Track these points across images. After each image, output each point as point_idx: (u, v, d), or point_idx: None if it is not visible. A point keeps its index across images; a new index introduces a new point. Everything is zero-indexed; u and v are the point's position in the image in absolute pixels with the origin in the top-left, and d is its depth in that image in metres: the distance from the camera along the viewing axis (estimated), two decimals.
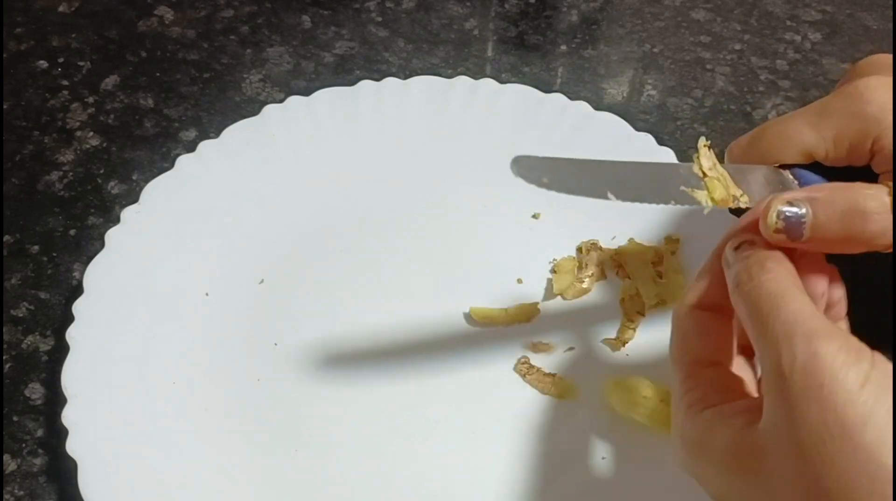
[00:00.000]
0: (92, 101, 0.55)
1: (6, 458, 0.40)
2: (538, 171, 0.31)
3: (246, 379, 0.42)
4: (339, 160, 0.51)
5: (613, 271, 0.46)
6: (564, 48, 0.59)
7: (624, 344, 0.43)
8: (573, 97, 0.53)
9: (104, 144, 0.53)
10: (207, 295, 0.45)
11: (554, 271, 0.46)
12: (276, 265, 0.46)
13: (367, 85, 0.53)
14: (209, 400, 0.41)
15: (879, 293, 0.40)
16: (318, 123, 0.51)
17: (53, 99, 0.55)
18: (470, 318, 0.44)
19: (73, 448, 0.38)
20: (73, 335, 0.41)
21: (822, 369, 0.24)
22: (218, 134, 0.50)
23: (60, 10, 0.61)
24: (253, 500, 0.38)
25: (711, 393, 0.29)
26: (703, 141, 0.33)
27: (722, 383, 0.29)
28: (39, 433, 0.41)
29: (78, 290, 0.43)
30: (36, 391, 0.42)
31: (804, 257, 0.30)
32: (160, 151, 0.52)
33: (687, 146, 0.53)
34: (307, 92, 0.53)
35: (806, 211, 0.29)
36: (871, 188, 0.29)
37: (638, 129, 0.51)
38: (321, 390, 0.42)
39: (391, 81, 0.53)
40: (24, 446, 0.41)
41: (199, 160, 0.49)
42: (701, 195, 0.33)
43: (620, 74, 0.58)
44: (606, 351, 0.43)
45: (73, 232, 0.48)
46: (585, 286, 0.46)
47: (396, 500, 0.39)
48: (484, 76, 0.54)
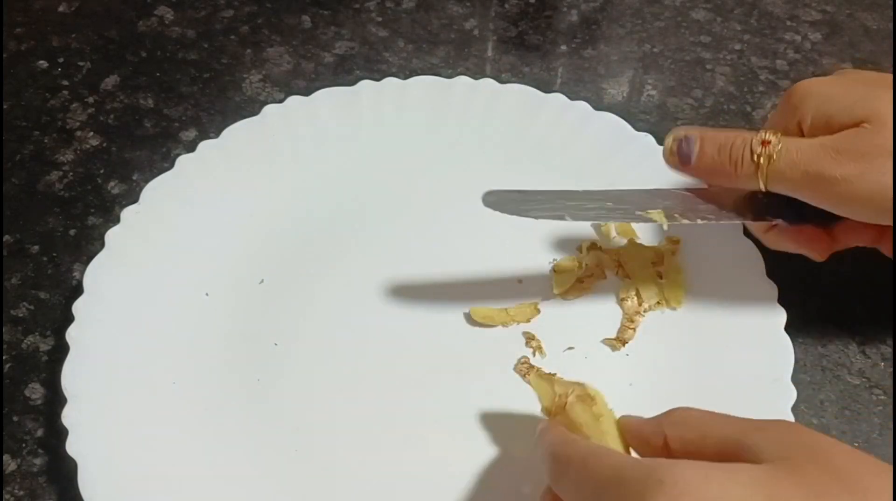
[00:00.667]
0: (92, 101, 0.55)
1: (6, 458, 0.40)
2: (506, 202, 0.40)
3: (246, 379, 0.42)
4: (339, 160, 0.51)
5: (613, 271, 0.46)
6: (564, 48, 0.59)
7: (624, 344, 0.43)
8: (573, 97, 0.53)
9: (104, 144, 0.53)
10: (207, 295, 0.45)
11: (554, 271, 0.46)
12: (276, 265, 0.46)
13: (367, 85, 0.53)
14: (209, 400, 0.41)
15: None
16: (318, 123, 0.51)
17: (53, 99, 0.55)
18: (470, 318, 0.44)
19: (73, 448, 0.38)
20: (72, 335, 0.41)
21: (679, 485, 0.25)
22: (218, 134, 0.50)
23: (60, 10, 0.61)
24: (253, 500, 0.38)
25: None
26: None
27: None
28: (39, 434, 0.41)
29: (78, 290, 0.43)
30: (36, 392, 0.42)
31: None
32: (160, 151, 0.52)
33: None
34: (307, 92, 0.53)
35: (694, 139, 0.39)
36: (745, 132, 0.38)
37: (638, 129, 0.51)
38: (321, 390, 0.42)
39: (391, 81, 0.53)
40: (24, 446, 0.41)
41: (199, 160, 0.49)
42: (656, 215, 0.40)
43: (620, 74, 0.58)
44: (606, 351, 0.43)
45: (73, 232, 0.48)
46: (586, 287, 0.46)
47: (396, 500, 0.39)
48: (484, 76, 0.54)
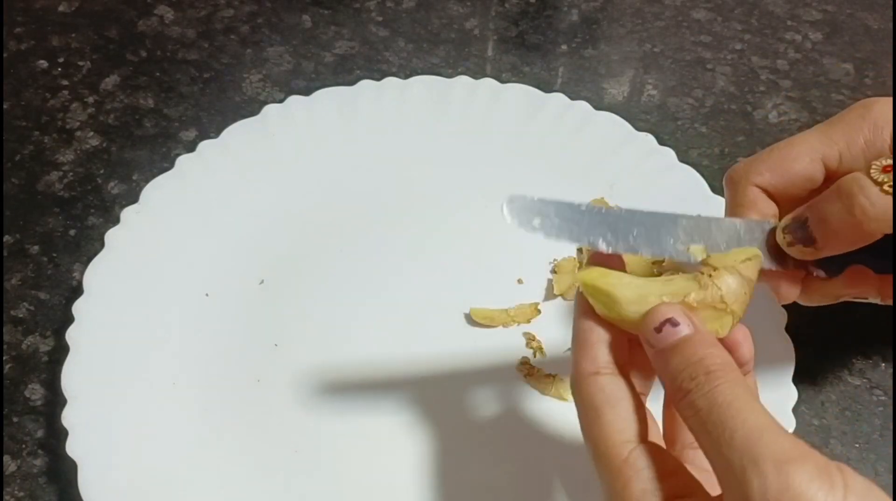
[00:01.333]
0: (92, 101, 0.55)
1: (6, 459, 0.40)
2: (530, 213, 0.30)
3: (246, 380, 0.42)
4: (339, 160, 0.51)
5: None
6: (565, 48, 0.59)
7: None
8: (574, 97, 0.53)
9: (104, 144, 0.53)
10: (207, 295, 0.45)
11: (554, 271, 0.46)
12: (276, 265, 0.46)
13: (367, 85, 0.53)
14: (209, 400, 0.41)
15: None
16: (318, 123, 0.51)
17: (53, 99, 0.55)
18: (470, 318, 0.44)
19: (73, 449, 0.38)
20: (72, 336, 0.41)
21: (797, 498, 0.22)
22: (218, 134, 0.50)
23: (60, 9, 0.61)
24: (253, 500, 0.38)
25: (652, 486, 0.26)
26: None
27: (659, 468, 0.27)
28: (39, 435, 0.41)
29: (78, 290, 0.43)
30: (36, 392, 0.42)
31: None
32: (160, 151, 0.52)
33: (687, 146, 0.53)
34: (307, 92, 0.53)
35: (807, 216, 0.31)
36: (849, 175, 0.31)
37: (638, 129, 0.51)
38: (321, 390, 0.42)
39: (391, 81, 0.53)
40: (24, 447, 0.41)
41: (199, 160, 0.49)
42: (697, 250, 0.33)
43: (621, 74, 0.57)
44: None
45: (73, 232, 0.48)
46: None
47: (397, 500, 0.39)
48: (484, 76, 0.54)
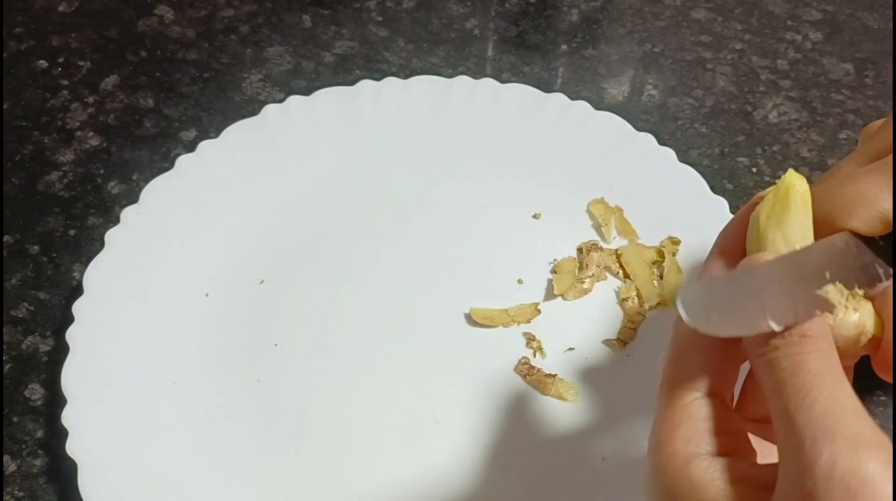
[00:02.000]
0: (92, 101, 0.55)
1: (6, 459, 0.40)
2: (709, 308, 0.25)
3: (246, 380, 0.42)
4: (339, 160, 0.51)
5: (614, 271, 0.46)
6: (565, 48, 0.59)
7: (625, 345, 0.43)
8: (574, 97, 0.53)
9: (104, 144, 0.53)
10: (207, 295, 0.45)
11: (554, 271, 0.46)
12: (276, 265, 0.46)
13: (367, 85, 0.53)
14: (209, 401, 0.41)
15: None
16: (318, 123, 0.51)
17: (53, 99, 0.55)
18: (470, 318, 0.44)
19: (72, 449, 0.38)
20: (72, 336, 0.41)
21: (865, 485, 0.21)
22: (218, 134, 0.50)
23: (60, 9, 0.61)
24: (253, 500, 0.38)
25: (701, 436, 0.25)
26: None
27: (719, 420, 0.25)
28: (39, 435, 0.41)
29: (78, 290, 0.43)
30: (36, 392, 0.42)
31: None
32: (160, 151, 0.52)
33: (687, 146, 0.53)
34: (307, 92, 0.53)
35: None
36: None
37: (639, 128, 0.51)
38: (321, 390, 0.42)
39: (391, 81, 0.53)
40: (24, 447, 0.41)
41: (199, 160, 0.49)
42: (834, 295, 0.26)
43: (621, 74, 0.57)
44: (607, 352, 0.43)
45: (73, 232, 0.48)
46: (586, 287, 0.45)
47: (396, 499, 0.39)
48: (484, 76, 0.54)
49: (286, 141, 0.51)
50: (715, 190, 0.49)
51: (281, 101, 0.52)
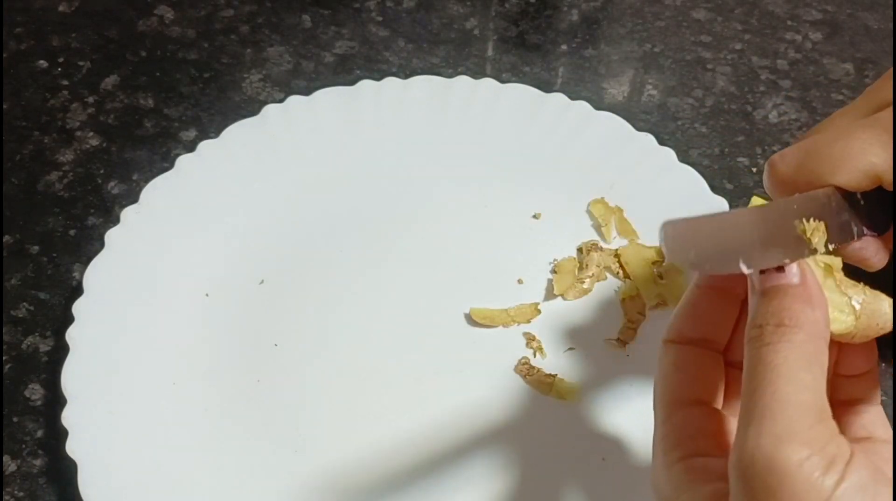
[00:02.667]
0: (92, 101, 0.55)
1: (6, 459, 0.40)
2: (687, 244, 0.26)
3: (246, 380, 0.42)
4: (339, 160, 0.51)
5: (614, 271, 0.46)
6: (565, 48, 0.59)
7: (625, 345, 0.43)
8: (574, 97, 0.53)
9: (104, 144, 0.53)
10: (207, 295, 0.45)
11: (554, 271, 0.46)
12: (276, 265, 0.46)
13: (367, 85, 0.53)
14: (209, 401, 0.41)
15: None
16: (318, 123, 0.51)
17: (53, 99, 0.55)
18: (470, 318, 0.44)
19: (72, 449, 0.38)
20: (72, 336, 0.41)
21: (781, 478, 0.22)
22: (218, 134, 0.50)
23: (60, 9, 0.61)
24: (253, 500, 0.38)
25: (686, 440, 0.27)
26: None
27: (698, 426, 0.27)
28: (39, 435, 0.41)
29: (78, 290, 0.43)
30: (36, 392, 0.42)
31: None
32: (160, 151, 0.52)
33: (687, 146, 0.53)
34: (307, 92, 0.53)
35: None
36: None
37: (639, 129, 0.51)
38: (321, 390, 0.42)
39: (391, 81, 0.53)
40: (24, 447, 0.41)
41: (199, 160, 0.49)
42: (817, 234, 0.26)
43: (621, 74, 0.57)
44: (607, 352, 0.43)
45: (73, 232, 0.48)
46: (586, 287, 0.45)
47: (396, 499, 0.39)
48: (484, 76, 0.54)
49: (286, 141, 0.51)
50: (715, 190, 0.49)
51: (281, 101, 0.52)
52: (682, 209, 0.48)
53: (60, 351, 0.42)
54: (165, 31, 0.60)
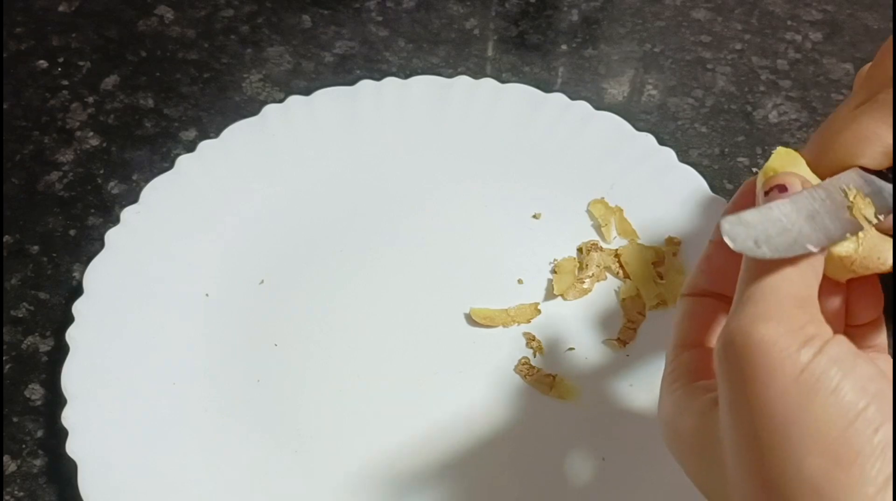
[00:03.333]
0: (92, 101, 0.55)
1: (6, 459, 0.40)
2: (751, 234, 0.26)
3: (246, 379, 0.42)
4: (339, 160, 0.51)
5: (614, 271, 0.46)
6: (565, 48, 0.59)
7: (625, 345, 0.43)
8: (574, 97, 0.53)
9: (104, 144, 0.53)
10: (207, 295, 0.45)
11: (554, 271, 0.46)
12: (276, 266, 0.46)
13: (367, 85, 0.53)
14: (209, 401, 0.41)
15: None
16: (318, 123, 0.51)
17: (53, 99, 0.55)
18: (470, 318, 0.44)
19: (73, 449, 0.38)
20: (73, 336, 0.41)
21: (754, 349, 0.23)
22: (218, 134, 0.50)
23: (60, 9, 0.61)
24: (253, 500, 0.38)
25: (687, 373, 0.29)
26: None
27: (699, 361, 0.29)
28: (39, 434, 0.41)
29: (78, 290, 0.43)
30: (36, 392, 0.42)
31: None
32: (160, 151, 0.52)
33: (687, 146, 0.53)
34: (307, 92, 0.53)
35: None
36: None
37: (638, 128, 0.51)
38: (321, 390, 0.42)
39: (391, 81, 0.53)
40: (24, 447, 0.41)
41: (199, 160, 0.49)
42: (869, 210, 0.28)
43: (621, 74, 0.57)
44: (607, 352, 0.43)
45: (73, 232, 0.48)
46: (586, 287, 0.45)
47: (396, 499, 0.39)
48: (484, 76, 0.54)
49: (286, 141, 0.51)
50: (715, 190, 0.49)
51: (281, 101, 0.52)
52: (682, 209, 0.48)
53: (60, 351, 0.42)
54: (165, 31, 0.60)
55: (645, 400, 0.42)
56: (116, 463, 0.38)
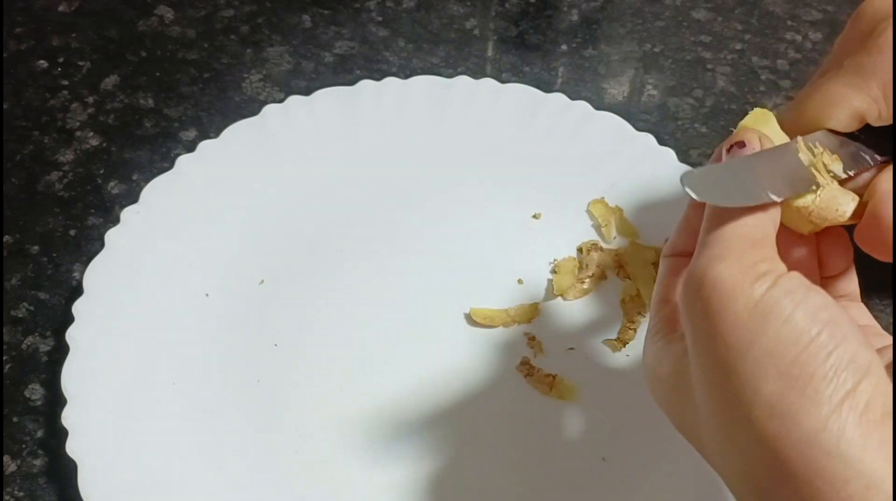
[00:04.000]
0: (92, 101, 0.55)
1: (6, 459, 0.40)
2: (714, 183, 0.28)
3: (246, 380, 0.42)
4: (339, 160, 0.51)
5: (614, 271, 0.46)
6: (565, 48, 0.59)
7: (624, 345, 0.43)
8: (574, 97, 0.53)
9: (104, 144, 0.53)
10: (207, 295, 0.45)
11: (554, 271, 0.46)
12: (276, 265, 0.46)
13: (367, 85, 0.53)
14: (209, 401, 0.41)
15: None
16: (318, 123, 0.51)
17: (53, 99, 0.55)
18: (470, 318, 0.44)
19: (73, 448, 0.38)
20: (73, 336, 0.41)
21: (713, 287, 0.25)
22: (218, 134, 0.50)
23: (60, 9, 0.61)
24: (253, 500, 0.38)
25: (666, 325, 0.30)
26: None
27: (675, 315, 0.30)
28: (39, 434, 0.41)
29: (78, 290, 0.43)
30: (36, 392, 0.42)
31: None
32: (160, 151, 0.52)
33: (687, 146, 0.53)
34: (307, 92, 0.53)
35: None
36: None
37: (638, 129, 0.51)
38: (321, 390, 0.42)
39: (391, 81, 0.53)
40: (24, 447, 0.41)
41: (199, 160, 0.49)
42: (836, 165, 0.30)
43: (621, 74, 0.57)
44: (607, 352, 0.43)
45: (73, 232, 0.48)
46: (586, 287, 0.46)
47: (396, 499, 0.39)
48: (484, 76, 0.54)
49: (286, 141, 0.51)
50: None
51: (281, 101, 0.52)
52: (682, 210, 0.48)
53: (60, 351, 0.42)
54: (165, 31, 0.60)
55: (645, 400, 0.41)
56: (116, 463, 0.38)
